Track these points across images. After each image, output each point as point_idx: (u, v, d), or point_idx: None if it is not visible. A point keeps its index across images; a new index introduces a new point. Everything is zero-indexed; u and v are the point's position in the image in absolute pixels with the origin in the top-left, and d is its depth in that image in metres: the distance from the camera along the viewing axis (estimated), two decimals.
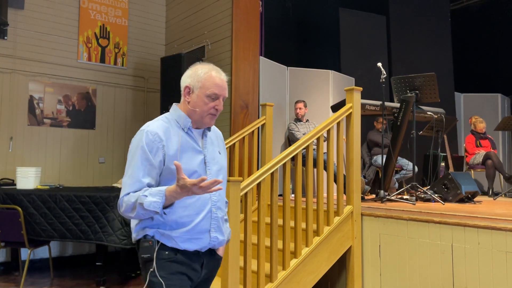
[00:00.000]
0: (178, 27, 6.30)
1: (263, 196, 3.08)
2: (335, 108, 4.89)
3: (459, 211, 3.37)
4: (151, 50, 6.49)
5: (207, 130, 1.89)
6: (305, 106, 5.49)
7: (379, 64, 4.42)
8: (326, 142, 3.66)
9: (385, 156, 4.46)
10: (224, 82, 1.83)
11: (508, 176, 5.92)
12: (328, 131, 3.58)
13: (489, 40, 8.36)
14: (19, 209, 4.28)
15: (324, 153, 4.11)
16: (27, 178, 4.78)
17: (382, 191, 4.21)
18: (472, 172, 6.19)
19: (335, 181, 4.10)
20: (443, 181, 4.28)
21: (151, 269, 1.73)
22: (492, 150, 6.14)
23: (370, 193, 5.25)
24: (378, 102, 4.74)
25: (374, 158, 5.94)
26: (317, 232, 3.41)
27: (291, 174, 3.74)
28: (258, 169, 4.30)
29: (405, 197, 4.42)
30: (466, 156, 6.37)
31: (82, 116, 5.88)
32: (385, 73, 4.36)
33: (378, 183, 5.36)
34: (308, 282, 3.27)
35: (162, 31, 6.63)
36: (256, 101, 5.20)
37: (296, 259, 3.21)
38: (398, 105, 4.54)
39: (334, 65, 6.71)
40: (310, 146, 3.48)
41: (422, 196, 4.29)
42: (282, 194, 3.29)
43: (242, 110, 5.08)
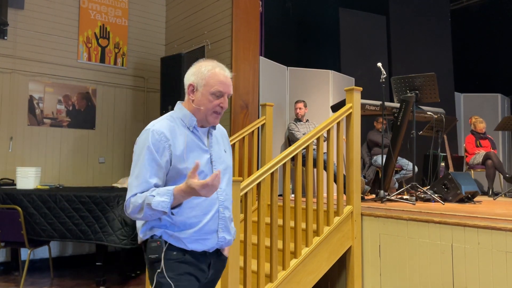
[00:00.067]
0: (178, 27, 6.30)
1: (263, 196, 3.08)
2: (335, 108, 4.89)
3: (459, 211, 3.37)
4: (151, 50, 6.49)
5: (212, 128, 1.86)
6: (305, 106, 5.49)
7: (379, 64, 4.42)
8: (326, 142, 3.66)
9: (385, 156, 4.46)
10: (228, 79, 1.80)
11: (508, 176, 5.91)
12: (328, 131, 3.58)
13: (489, 40, 8.36)
14: (19, 209, 4.28)
15: (324, 153, 4.11)
16: (27, 178, 4.78)
17: (382, 191, 4.21)
18: (472, 172, 6.19)
19: (335, 181, 4.10)
20: (443, 181, 4.27)
21: (159, 269, 1.69)
22: (492, 150, 6.14)
23: (370, 193, 5.25)
24: (378, 102, 4.74)
25: (374, 158, 5.94)
26: (317, 232, 3.41)
27: (291, 174, 3.74)
28: (258, 169, 4.29)
29: (405, 197, 4.42)
30: (466, 156, 6.37)
31: (82, 116, 5.88)
32: (385, 73, 4.36)
33: (378, 183, 5.35)
34: (308, 282, 3.27)
35: (162, 31, 6.63)
36: (256, 101, 5.20)
37: (296, 259, 3.21)
38: (398, 105, 4.54)
39: (334, 65, 6.70)
40: (310, 146, 3.48)
41: (422, 196, 4.29)
42: (282, 194, 3.29)
43: (242, 110, 5.08)
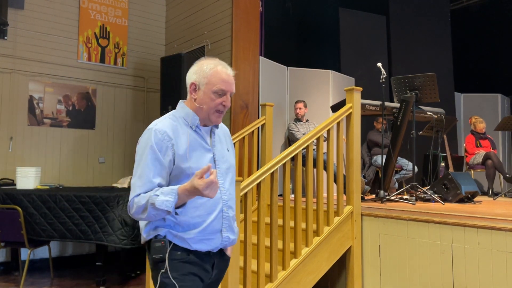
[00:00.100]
0: (178, 27, 6.30)
1: (263, 196, 3.08)
2: (335, 108, 4.89)
3: (459, 211, 3.37)
4: (151, 50, 6.49)
5: (215, 127, 1.85)
6: (305, 106, 5.49)
7: (379, 64, 4.42)
8: (326, 142, 3.66)
9: (385, 156, 4.46)
10: (230, 77, 1.79)
11: (508, 176, 5.91)
12: (328, 131, 3.58)
13: (489, 40, 8.36)
14: (19, 209, 4.28)
15: (324, 153, 4.11)
16: (27, 178, 4.78)
17: (382, 191, 4.21)
18: (472, 172, 6.19)
19: (335, 181, 4.10)
20: (443, 181, 4.27)
21: (163, 269, 1.68)
22: (492, 150, 6.14)
23: (370, 193, 5.25)
24: (378, 102, 4.74)
25: (374, 158, 5.94)
26: (317, 232, 3.41)
27: (291, 174, 3.74)
28: (258, 169, 4.30)
29: (405, 197, 4.42)
30: (466, 156, 6.37)
31: (82, 116, 5.88)
32: (385, 73, 4.36)
33: (378, 183, 5.35)
34: (308, 282, 3.27)
35: (162, 31, 6.63)
36: (256, 101, 5.20)
37: (296, 259, 3.21)
38: (398, 105, 4.54)
39: (334, 65, 6.71)
40: (310, 146, 3.48)
41: (422, 196, 4.29)
42: (282, 194, 3.29)
43: (242, 110, 5.08)
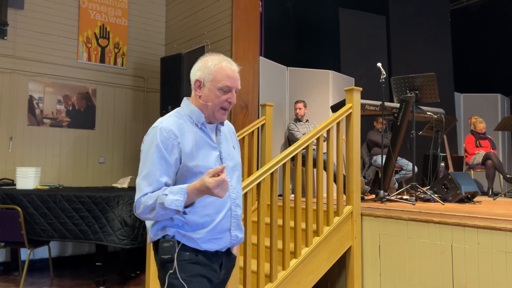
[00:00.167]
0: (178, 27, 6.30)
1: (263, 196, 3.08)
2: (335, 108, 4.89)
3: (459, 211, 3.37)
4: (151, 50, 6.49)
5: (220, 124, 1.82)
6: (304, 106, 5.49)
7: (379, 64, 4.42)
8: (326, 142, 3.66)
9: (384, 156, 4.46)
10: (235, 73, 1.75)
11: (508, 176, 5.91)
12: (328, 131, 3.58)
13: (489, 40, 8.36)
14: (19, 209, 4.28)
15: (324, 153, 4.11)
16: (27, 178, 4.78)
17: (381, 191, 4.21)
18: (471, 172, 6.19)
19: (335, 181, 4.10)
20: (443, 181, 4.27)
21: (171, 270, 1.65)
22: (492, 150, 6.14)
23: (370, 193, 5.25)
24: (378, 102, 4.74)
25: (374, 158, 5.94)
26: (316, 232, 3.41)
27: (291, 174, 3.74)
28: (258, 169, 4.30)
29: (404, 197, 4.42)
30: (466, 156, 6.37)
31: (82, 116, 5.88)
32: (384, 73, 4.36)
33: (378, 183, 5.35)
34: (308, 282, 3.27)
35: (162, 31, 6.63)
36: (256, 101, 5.20)
37: (296, 259, 3.21)
38: (398, 105, 4.54)
39: (334, 65, 6.71)
40: (310, 146, 3.48)
41: (422, 196, 4.29)
42: (282, 194, 3.29)
43: (242, 110, 5.07)
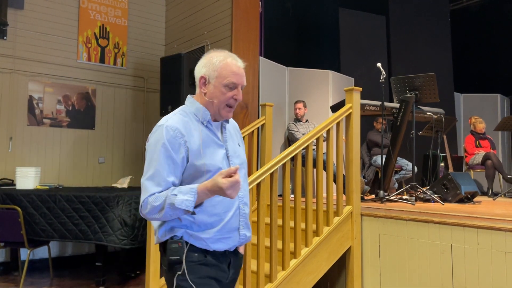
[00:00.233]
0: (178, 27, 6.30)
1: (263, 196, 3.08)
2: (335, 108, 4.89)
3: (459, 212, 3.37)
4: (151, 50, 6.49)
5: (225, 122, 1.79)
6: (304, 106, 5.49)
7: (379, 64, 4.42)
8: (325, 142, 3.66)
9: (384, 156, 4.46)
10: (241, 69, 1.72)
11: (508, 177, 5.91)
12: (327, 131, 3.58)
13: (489, 40, 8.36)
14: (19, 209, 4.28)
15: (323, 153, 4.11)
16: (27, 178, 4.78)
17: (381, 191, 4.21)
18: (471, 172, 6.19)
19: (335, 181, 4.10)
20: (443, 181, 4.27)
21: (179, 272, 1.63)
22: (491, 151, 6.14)
23: (370, 193, 5.25)
24: (378, 102, 4.74)
25: (374, 158, 5.94)
26: (316, 232, 3.41)
27: (291, 174, 3.74)
28: (257, 169, 4.29)
29: (404, 197, 4.42)
30: (466, 156, 6.37)
31: (82, 116, 5.88)
32: (384, 73, 4.36)
33: (377, 183, 5.35)
34: (307, 282, 3.27)
35: (162, 31, 6.63)
36: (255, 101, 5.20)
37: (295, 259, 3.21)
38: (397, 105, 4.54)
39: (334, 65, 6.71)
40: (309, 146, 3.48)
41: (422, 196, 4.29)
42: (281, 194, 3.29)
43: (242, 110, 5.07)
